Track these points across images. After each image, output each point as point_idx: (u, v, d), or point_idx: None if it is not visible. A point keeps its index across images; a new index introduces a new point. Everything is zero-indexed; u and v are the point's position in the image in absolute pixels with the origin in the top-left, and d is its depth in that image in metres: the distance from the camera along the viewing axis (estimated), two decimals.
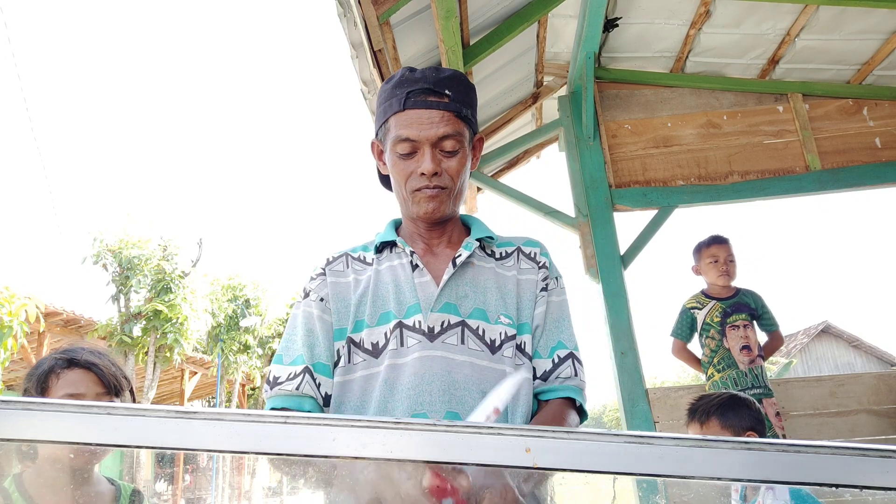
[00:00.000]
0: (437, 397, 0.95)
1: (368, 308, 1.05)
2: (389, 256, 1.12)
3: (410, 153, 1.04)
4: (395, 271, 1.09)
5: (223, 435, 0.52)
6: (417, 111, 1.04)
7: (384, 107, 1.09)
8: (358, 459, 0.53)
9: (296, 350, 1.05)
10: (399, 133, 1.04)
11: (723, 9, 3.21)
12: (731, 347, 2.91)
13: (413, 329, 1.01)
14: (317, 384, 1.01)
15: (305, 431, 0.53)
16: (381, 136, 1.11)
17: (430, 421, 0.55)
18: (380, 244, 1.13)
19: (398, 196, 1.11)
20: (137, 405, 0.53)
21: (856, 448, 0.53)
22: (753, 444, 0.54)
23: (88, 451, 1.07)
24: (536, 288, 1.10)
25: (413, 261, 1.08)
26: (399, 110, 1.05)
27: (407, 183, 1.06)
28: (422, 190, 1.05)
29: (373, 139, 1.16)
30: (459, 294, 1.05)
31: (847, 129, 3.57)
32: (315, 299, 1.09)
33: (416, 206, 1.07)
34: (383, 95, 1.10)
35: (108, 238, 11.23)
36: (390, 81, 1.09)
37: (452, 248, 1.13)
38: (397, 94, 1.06)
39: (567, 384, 1.04)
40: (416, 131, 1.03)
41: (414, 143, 1.04)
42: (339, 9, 2.43)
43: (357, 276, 1.11)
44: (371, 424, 0.54)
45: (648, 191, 3.44)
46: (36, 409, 0.51)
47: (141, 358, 10.92)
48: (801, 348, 21.96)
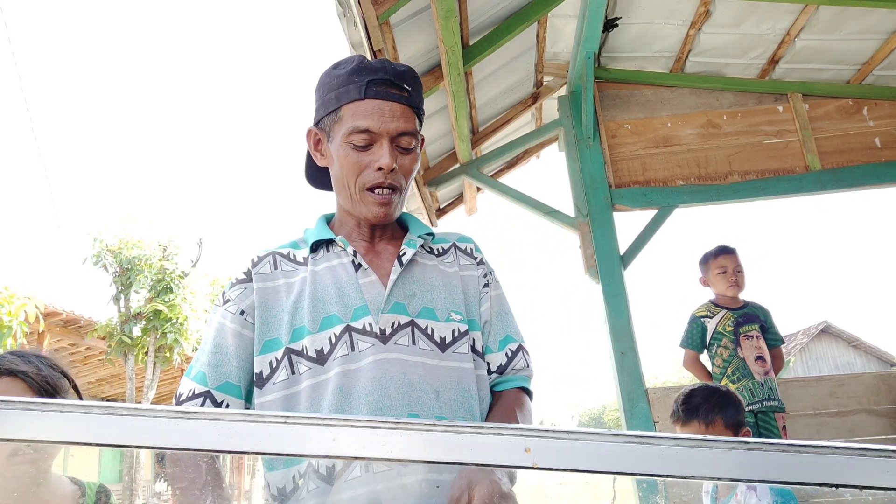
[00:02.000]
0: (397, 400, 0.92)
1: (308, 314, 0.97)
2: (327, 256, 1.04)
3: (366, 146, 0.98)
4: (336, 271, 1.02)
5: (223, 435, 0.52)
6: (378, 102, 0.98)
7: (336, 93, 1.00)
8: (358, 459, 0.53)
9: (201, 365, 0.99)
10: (357, 123, 0.97)
11: (723, 9, 3.21)
12: (745, 357, 2.82)
13: (363, 332, 0.96)
14: (223, 406, 0.97)
15: (305, 431, 0.53)
16: (327, 125, 1.03)
17: (430, 421, 0.55)
18: (315, 242, 1.06)
19: (342, 190, 1.03)
20: (137, 405, 0.53)
21: (856, 448, 0.53)
22: (753, 444, 0.54)
23: (36, 450, 1.02)
24: (479, 284, 1.09)
25: (356, 260, 1.02)
26: (357, 98, 0.98)
27: (359, 177, 1.00)
28: (375, 191, 1.00)
29: (311, 127, 1.07)
30: (407, 293, 1.01)
31: (847, 129, 3.57)
32: (234, 311, 1.01)
33: (366, 208, 1.01)
34: (334, 81, 1.02)
35: (109, 238, 11.23)
36: (343, 67, 1.02)
37: (393, 245, 1.07)
38: (355, 82, 0.99)
39: (520, 374, 1.06)
40: (377, 123, 0.97)
41: (372, 136, 0.98)
42: (338, 9, 2.43)
43: (288, 278, 1.04)
44: (371, 424, 0.54)
45: (648, 191, 3.44)
46: (36, 409, 0.51)
47: (141, 358, 10.92)
48: (801, 348, 21.96)
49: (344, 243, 1.03)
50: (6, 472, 1.04)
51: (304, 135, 1.09)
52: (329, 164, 1.05)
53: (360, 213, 1.02)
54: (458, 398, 0.96)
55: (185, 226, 44.92)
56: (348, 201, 1.03)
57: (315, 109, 1.06)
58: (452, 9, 2.36)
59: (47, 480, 1.18)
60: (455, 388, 0.96)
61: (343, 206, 1.07)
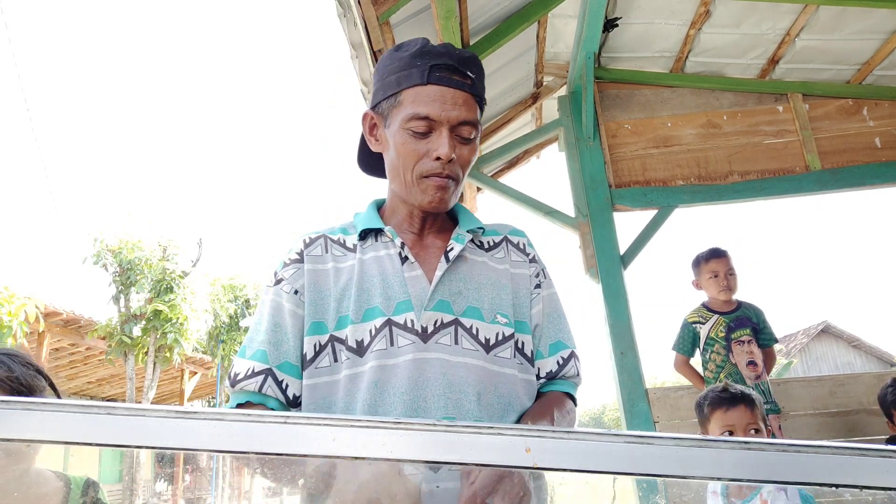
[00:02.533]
0: (433, 402, 0.88)
1: (352, 303, 0.95)
2: (374, 245, 1.01)
3: (425, 133, 0.94)
4: (382, 262, 0.99)
5: (223, 435, 0.52)
6: (441, 88, 0.94)
7: (397, 76, 0.96)
8: (358, 459, 0.53)
9: (259, 343, 0.96)
10: (417, 109, 0.93)
11: (723, 9, 3.21)
12: (737, 363, 2.85)
13: (404, 328, 0.93)
14: (283, 386, 0.93)
15: (305, 431, 0.53)
16: (385, 109, 0.99)
17: (430, 421, 0.55)
18: (364, 230, 1.03)
19: (396, 177, 1.00)
20: (137, 405, 0.53)
21: (856, 448, 0.53)
22: (753, 444, 0.54)
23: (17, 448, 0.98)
24: (531, 284, 1.05)
25: (403, 253, 0.98)
26: (419, 83, 0.94)
27: (416, 166, 0.96)
28: (432, 177, 0.96)
29: (368, 110, 1.03)
30: (453, 291, 0.97)
31: (847, 129, 3.57)
32: (288, 290, 0.99)
33: (423, 195, 0.97)
34: (396, 63, 0.97)
35: (109, 238, 11.23)
36: (405, 50, 0.98)
37: (442, 238, 1.04)
38: (417, 66, 0.94)
39: (569, 381, 1.03)
40: (438, 110, 0.93)
41: (432, 123, 0.94)
42: (339, 9, 2.43)
43: (337, 263, 1.01)
44: (371, 424, 0.54)
45: (648, 191, 3.44)
46: (36, 409, 0.51)
47: (141, 358, 10.92)
48: (801, 348, 21.96)
49: (392, 234, 1.00)
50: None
51: (360, 118, 1.04)
52: (384, 149, 1.02)
53: (416, 200, 0.98)
54: (498, 402, 0.93)
55: (185, 226, 44.91)
56: (403, 189, 0.99)
57: (373, 92, 1.02)
58: (452, 9, 2.36)
59: (28, 477, 1.14)
60: (495, 392, 0.93)
61: (397, 193, 1.02)
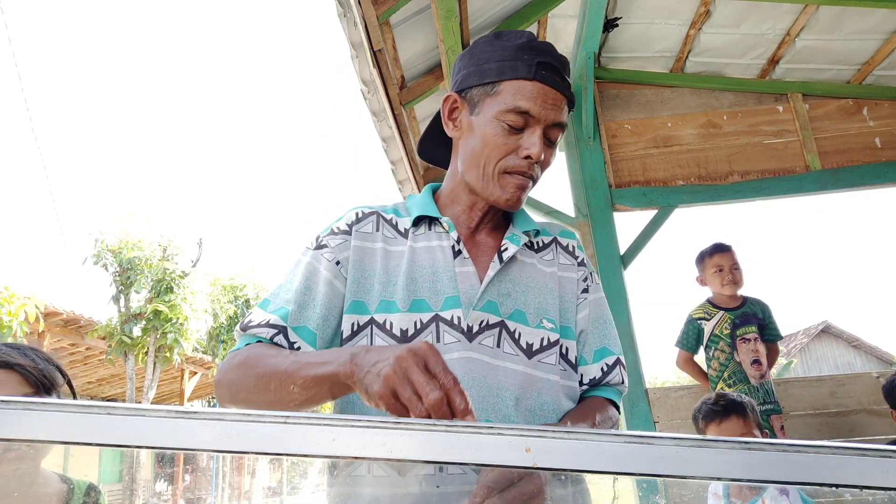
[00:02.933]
0: (474, 404, 0.84)
1: (400, 291, 0.92)
2: (427, 234, 0.98)
3: (519, 128, 0.91)
4: (434, 254, 0.95)
5: (223, 435, 0.52)
6: (544, 86, 0.91)
7: (499, 65, 0.92)
8: (358, 459, 0.53)
9: (284, 301, 0.92)
10: (518, 103, 0.90)
11: (723, 9, 3.21)
12: (741, 361, 2.84)
13: (451, 325, 0.89)
14: (293, 346, 0.89)
15: (305, 431, 0.53)
16: (476, 95, 0.95)
17: (430, 421, 0.55)
18: (418, 217, 0.99)
19: (474, 167, 0.95)
20: (137, 405, 0.53)
21: (856, 448, 0.53)
22: (753, 444, 0.54)
23: (27, 448, 0.98)
24: (578, 289, 1.02)
25: (457, 247, 0.96)
26: (525, 77, 0.90)
27: (502, 160, 0.92)
28: (515, 175, 0.93)
29: (452, 93, 0.99)
30: (502, 292, 0.94)
31: (847, 129, 3.57)
32: (329, 258, 0.95)
33: (501, 190, 0.94)
34: (498, 52, 0.94)
35: (109, 238, 11.23)
36: (508, 39, 0.95)
37: (494, 237, 1.01)
38: (524, 59, 0.91)
39: (613, 388, 1.00)
40: (539, 108, 0.90)
41: (528, 119, 0.91)
42: (338, 9, 2.43)
43: (387, 245, 0.97)
44: (371, 424, 0.54)
45: (648, 191, 3.44)
46: (36, 409, 0.51)
47: (141, 358, 10.92)
48: (801, 348, 21.96)
49: (449, 226, 0.97)
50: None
51: (442, 100, 1.00)
52: (461, 136, 0.98)
53: (491, 194, 0.95)
54: (538, 408, 0.90)
55: (185, 226, 44.87)
56: (479, 180, 0.95)
57: (462, 75, 0.97)
58: (452, 9, 2.36)
59: (36, 478, 1.15)
60: (536, 398, 0.90)
61: (468, 183, 0.98)
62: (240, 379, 0.84)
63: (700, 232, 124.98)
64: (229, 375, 0.86)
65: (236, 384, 0.84)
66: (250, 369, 0.82)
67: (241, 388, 0.83)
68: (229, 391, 0.86)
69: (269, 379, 0.79)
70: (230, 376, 0.86)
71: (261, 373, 0.81)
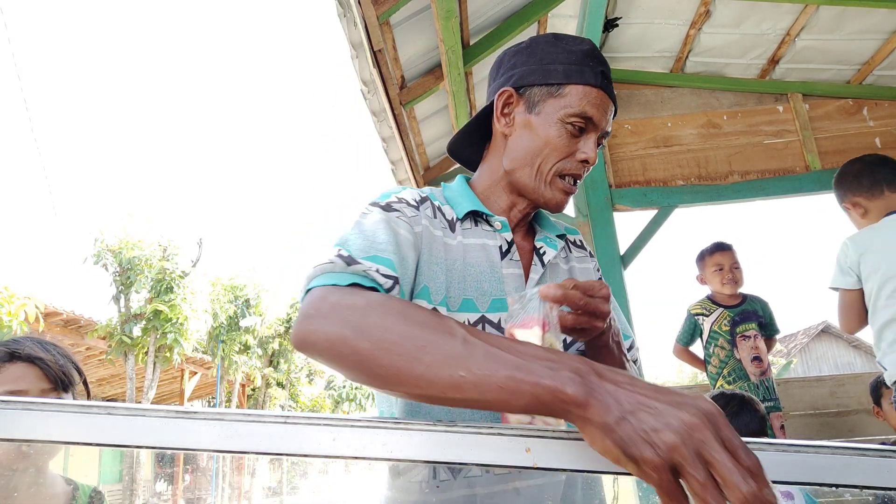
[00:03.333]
0: None
1: (454, 287, 0.89)
2: (474, 230, 0.95)
3: (578, 133, 0.92)
4: (481, 252, 0.93)
5: (223, 435, 0.52)
6: (605, 96, 0.93)
7: (565, 67, 0.92)
8: (357, 459, 0.53)
9: (379, 249, 0.78)
10: (585, 109, 0.90)
11: (723, 9, 3.21)
12: (742, 358, 2.84)
13: (498, 328, 0.88)
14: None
15: (305, 431, 0.53)
16: (537, 95, 0.94)
17: (429, 421, 0.55)
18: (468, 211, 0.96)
19: (526, 165, 0.94)
20: (137, 405, 0.53)
21: (856, 448, 0.53)
22: (753, 444, 0.54)
23: (37, 449, 0.99)
24: (593, 277, 1.04)
25: (506, 247, 0.95)
26: (592, 84, 0.91)
27: (559, 162, 0.92)
28: (567, 178, 0.94)
29: (508, 87, 0.96)
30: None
31: (847, 129, 3.57)
32: (408, 225, 0.87)
33: (552, 192, 0.94)
34: (563, 55, 0.93)
35: (109, 238, 11.23)
36: (571, 44, 0.95)
37: (527, 240, 1.02)
38: (590, 66, 0.92)
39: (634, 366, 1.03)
40: (600, 116, 0.92)
41: (589, 126, 0.92)
42: (338, 9, 2.43)
43: (445, 235, 0.93)
44: (371, 424, 0.54)
45: (648, 191, 3.44)
46: (36, 409, 0.51)
47: (141, 358, 10.93)
48: (801, 348, 21.96)
49: (504, 225, 0.96)
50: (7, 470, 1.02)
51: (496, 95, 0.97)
52: (512, 131, 0.97)
53: (543, 195, 0.94)
54: None
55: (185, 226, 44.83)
56: (530, 179, 0.94)
57: (521, 72, 0.96)
58: (452, 9, 2.35)
59: (44, 479, 1.15)
60: None
61: (518, 181, 0.96)
62: (379, 323, 0.61)
63: (700, 232, 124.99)
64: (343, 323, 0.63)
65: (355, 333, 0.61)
66: (399, 318, 0.62)
67: (374, 337, 0.61)
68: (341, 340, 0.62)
69: (425, 345, 0.59)
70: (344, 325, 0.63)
71: (415, 332, 0.60)
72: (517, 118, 0.96)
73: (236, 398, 15.32)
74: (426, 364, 0.58)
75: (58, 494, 1.16)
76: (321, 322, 0.65)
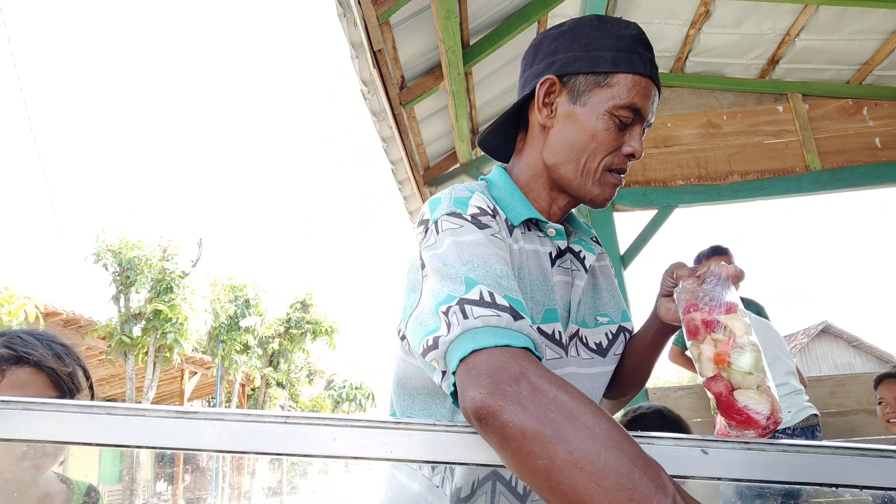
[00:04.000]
0: None
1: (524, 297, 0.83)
2: (528, 235, 0.87)
3: (625, 125, 0.85)
4: (535, 260, 0.86)
5: (223, 435, 0.52)
6: (653, 86, 0.85)
7: (613, 55, 0.84)
8: (357, 459, 0.53)
9: (507, 288, 0.70)
10: (634, 99, 0.83)
11: (723, 9, 3.21)
12: None
13: (552, 339, 0.83)
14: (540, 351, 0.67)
15: (305, 431, 0.53)
16: (582, 84, 0.85)
17: (429, 421, 0.55)
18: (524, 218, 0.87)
19: (571, 160, 0.86)
20: (137, 405, 0.53)
21: (856, 448, 0.53)
22: (753, 444, 0.54)
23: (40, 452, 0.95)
24: (612, 272, 1.03)
25: (556, 254, 0.89)
26: (642, 73, 0.84)
27: (607, 156, 0.85)
28: (613, 173, 0.87)
29: (551, 75, 0.87)
30: (576, 299, 0.90)
31: (847, 129, 3.57)
32: (503, 242, 0.79)
33: (599, 188, 0.87)
34: (610, 41, 0.85)
35: (109, 238, 11.24)
36: (619, 28, 0.87)
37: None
38: (640, 53, 0.85)
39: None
40: (648, 107, 0.85)
41: (636, 118, 0.85)
42: (338, 9, 2.43)
43: (505, 238, 0.83)
44: (371, 424, 0.54)
45: (648, 191, 3.44)
46: (36, 409, 0.51)
47: (141, 358, 10.93)
48: (801, 348, 21.95)
49: (560, 233, 0.89)
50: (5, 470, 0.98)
51: (538, 83, 0.88)
52: (554, 123, 0.88)
53: (589, 192, 0.87)
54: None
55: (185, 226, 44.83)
56: (576, 174, 0.86)
57: (565, 58, 0.87)
58: (452, 9, 2.35)
59: (40, 478, 1.09)
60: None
61: (561, 176, 0.88)
62: (586, 438, 0.52)
63: (700, 232, 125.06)
64: (552, 413, 0.55)
65: (573, 440, 0.53)
66: (611, 442, 0.52)
67: (575, 451, 0.52)
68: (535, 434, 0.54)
69: (631, 488, 0.49)
70: (556, 416, 0.54)
71: (623, 468, 0.50)
72: (560, 109, 0.87)
73: (236, 398, 15.32)
74: (587, 474, 0.50)
75: (53, 493, 1.13)
76: (520, 411, 0.55)
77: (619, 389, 1.00)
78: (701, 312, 0.74)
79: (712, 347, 0.72)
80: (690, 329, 0.75)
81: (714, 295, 0.75)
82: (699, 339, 0.74)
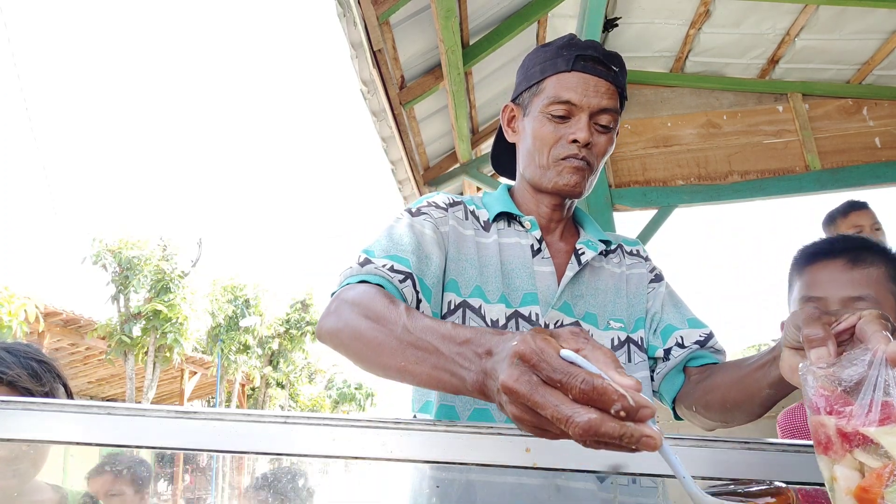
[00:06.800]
0: None
1: (491, 282, 0.94)
2: (507, 230, 1.01)
3: (564, 117, 0.95)
4: (517, 250, 0.99)
5: (223, 435, 0.52)
6: (584, 75, 0.95)
7: (542, 66, 0.98)
8: (357, 459, 0.53)
9: (400, 250, 0.88)
10: (559, 94, 0.95)
11: (722, 8, 3.21)
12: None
13: (530, 321, 0.92)
14: (419, 297, 0.85)
15: (305, 431, 0.53)
16: (526, 99, 1.01)
17: (429, 421, 0.55)
18: (499, 212, 1.02)
19: (531, 163, 1.00)
20: (137, 405, 0.53)
21: None
22: (753, 444, 0.54)
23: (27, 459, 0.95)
24: (646, 280, 1.05)
25: (538, 246, 0.99)
26: (564, 70, 0.95)
27: (552, 149, 0.96)
28: (568, 159, 0.95)
29: (508, 103, 1.06)
30: (576, 293, 0.98)
31: (847, 129, 3.57)
32: (432, 224, 0.95)
33: (558, 176, 0.96)
34: (541, 56, 1.00)
35: (108, 238, 11.24)
36: (551, 45, 1.01)
37: (566, 241, 1.04)
38: (563, 55, 0.96)
39: (721, 353, 0.98)
40: (579, 96, 0.94)
41: (572, 108, 0.95)
42: (338, 9, 2.43)
43: (478, 235, 1.00)
44: (371, 424, 0.54)
45: (648, 190, 3.44)
46: (36, 410, 0.51)
47: (141, 358, 10.93)
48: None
49: (533, 224, 1.01)
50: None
51: (500, 112, 1.08)
52: (519, 139, 1.04)
53: (550, 183, 0.98)
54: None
55: (185, 226, 44.83)
56: (537, 173, 0.99)
57: (516, 86, 1.06)
58: (452, 9, 2.35)
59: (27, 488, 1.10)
60: None
61: (529, 181, 1.02)
62: (350, 321, 0.74)
63: (700, 232, 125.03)
64: (338, 319, 0.77)
65: (343, 326, 0.75)
66: (364, 313, 0.73)
67: (348, 332, 0.74)
68: (334, 332, 0.77)
69: (378, 338, 0.68)
70: (338, 320, 0.77)
71: (372, 327, 0.70)
72: (518, 126, 1.04)
73: (236, 398, 15.32)
74: (379, 355, 0.68)
75: (44, 502, 1.12)
76: (326, 318, 0.80)
77: (721, 414, 0.91)
78: (838, 417, 0.47)
79: (855, 473, 0.47)
80: (820, 439, 0.48)
81: (862, 389, 0.46)
82: (833, 457, 0.48)
